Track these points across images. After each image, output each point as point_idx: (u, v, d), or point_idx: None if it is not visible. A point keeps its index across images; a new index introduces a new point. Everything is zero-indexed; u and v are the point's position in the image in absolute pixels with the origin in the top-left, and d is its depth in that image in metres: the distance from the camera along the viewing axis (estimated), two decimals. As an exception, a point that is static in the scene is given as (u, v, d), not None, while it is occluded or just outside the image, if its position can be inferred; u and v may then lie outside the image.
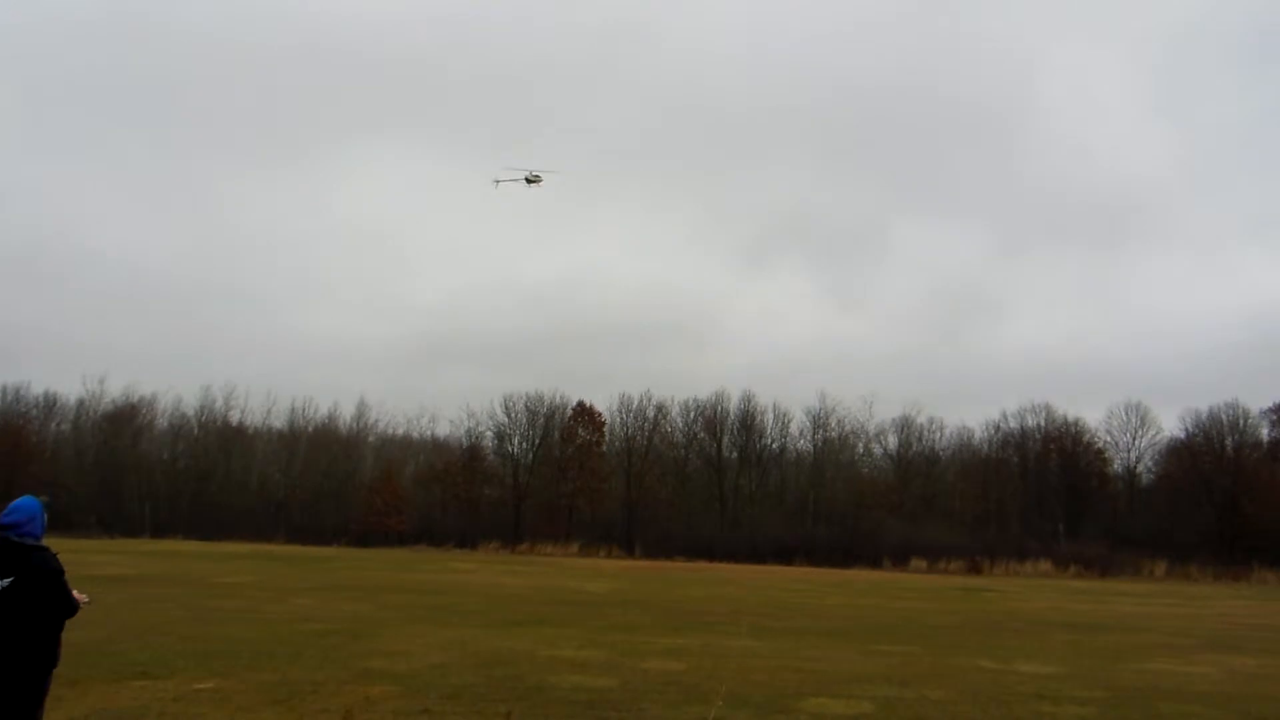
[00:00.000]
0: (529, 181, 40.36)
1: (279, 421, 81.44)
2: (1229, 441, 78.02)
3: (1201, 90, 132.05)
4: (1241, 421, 78.27)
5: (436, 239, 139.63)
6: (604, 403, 78.51)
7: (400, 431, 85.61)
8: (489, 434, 78.02)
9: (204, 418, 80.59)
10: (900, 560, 61.33)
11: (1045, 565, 60.38)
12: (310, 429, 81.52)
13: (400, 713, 10.77)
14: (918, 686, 14.39)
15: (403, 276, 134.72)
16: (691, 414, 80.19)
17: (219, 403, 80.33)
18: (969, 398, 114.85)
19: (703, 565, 57.33)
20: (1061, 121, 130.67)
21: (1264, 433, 79.47)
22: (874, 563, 61.29)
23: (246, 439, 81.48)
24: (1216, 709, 13.39)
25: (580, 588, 35.14)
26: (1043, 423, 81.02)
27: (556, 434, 76.68)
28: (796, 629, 23.10)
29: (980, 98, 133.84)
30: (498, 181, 41.11)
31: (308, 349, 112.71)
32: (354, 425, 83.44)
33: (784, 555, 62.01)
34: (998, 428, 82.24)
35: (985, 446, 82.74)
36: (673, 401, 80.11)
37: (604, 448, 77.29)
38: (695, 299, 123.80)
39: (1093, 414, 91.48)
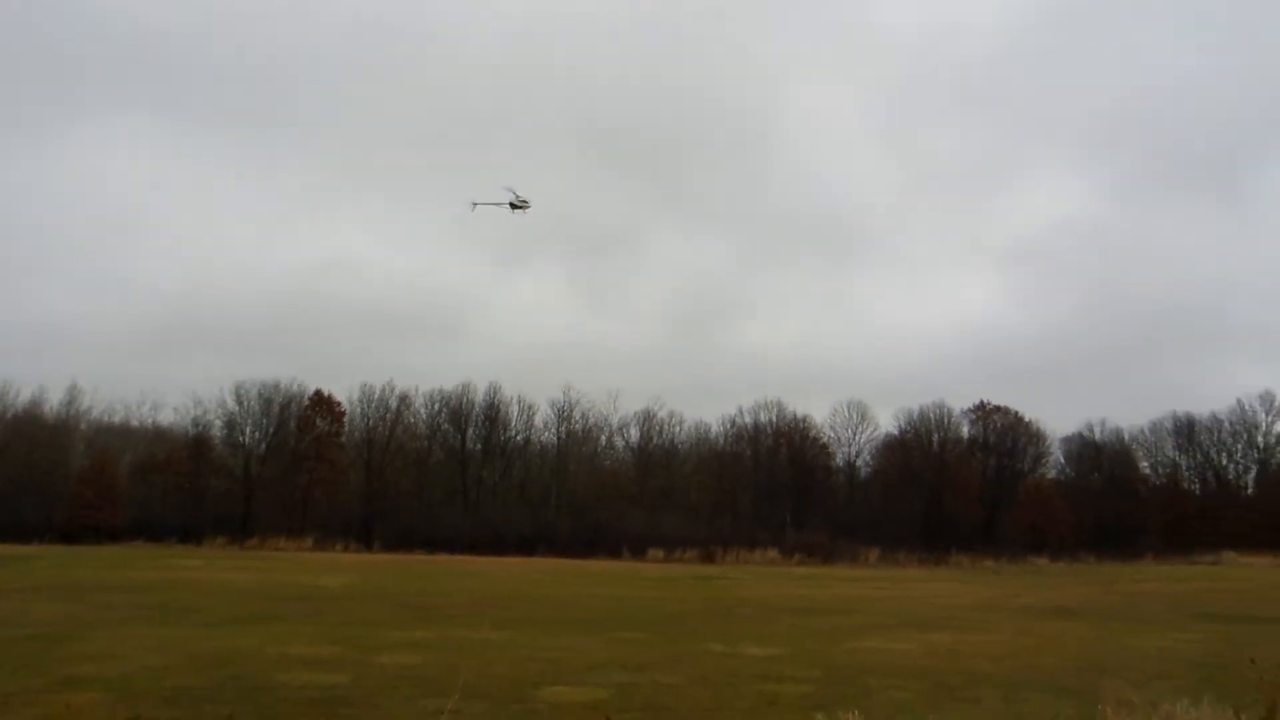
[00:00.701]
0: (514, 207, 37.73)
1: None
2: (935, 438, 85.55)
3: (924, 128, 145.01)
4: (946, 420, 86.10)
5: (173, 222, 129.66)
6: (346, 393, 75.83)
7: (118, 419, 79.14)
8: (218, 423, 73.36)
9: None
10: (639, 550, 62.87)
11: (773, 553, 63.58)
12: (9, 415, 73.70)
13: (107, 721, 9.95)
14: (652, 672, 14.82)
15: (135, 259, 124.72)
16: (436, 405, 78.96)
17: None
18: (710, 395, 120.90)
19: (443, 558, 56.54)
20: (801, 148, 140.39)
21: (964, 431, 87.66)
22: (614, 553, 62.50)
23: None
24: (916, 681, 14.61)
25: (314, 583, 33.76)
26: (774, 419, 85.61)
27: (293, 424, 73.13)
28: (537, 620, 23.21)
29: (733, 120, 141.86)
30: (475, 205, 38.72)
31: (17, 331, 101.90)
32: (63, 412, 76.25)
33: (526, 547, 62.16)
34: (733, 423, 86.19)
35: (721, 440, 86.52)
36: (417, 392, 78.56)
37: (343, 439, 74.58)
38: (448, 292, 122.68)
39: (819, 411, 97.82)
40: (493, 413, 78.87)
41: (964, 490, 79.86)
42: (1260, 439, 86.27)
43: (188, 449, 70.83)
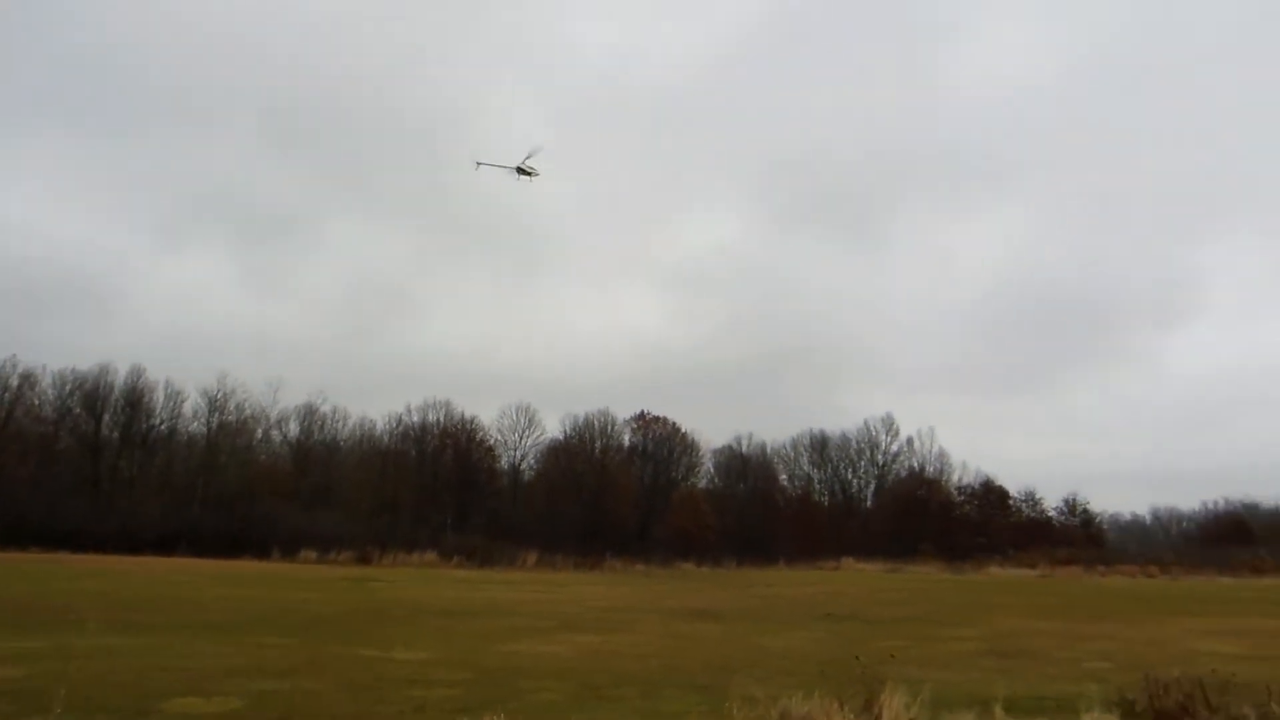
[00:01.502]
0: (521, 172, 35.47)
1: None
2: (598, 445, 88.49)
3: (604, 148, 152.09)
4: (610, 428, 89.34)
5: None
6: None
7: None
8: None
9: None
10: (290, 551, 59.94)
11: (432, 555, 62.88)
12: None
13: None
14: (295, 678, 14.18)
15: None
16: (68, 387, 71.32)
17: None
18: (378, 392, 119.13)
19: (65, 556, 51.02)
20: (487, 153, 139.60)
21: (626, 438, 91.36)
22: (263, 553, 59.19)
23: None
24: (564, 681, 14.98)
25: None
26: (441, 418, 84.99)
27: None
28: (171, 624, 21.53)
29: (420, 117, 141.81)
30: (478, 164, 36.07)
31: None
32: None
33: (165, 544, 57.36)
34: (399, 421, 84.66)
35: (386, 439, 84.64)
36: (44, 371, 70.63)
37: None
38: (94, 267, 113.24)
39: (488, 414, 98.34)
40: (134, 398, 72.32)
41: (622, 496, 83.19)
42: (880, 457, 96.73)
43: None
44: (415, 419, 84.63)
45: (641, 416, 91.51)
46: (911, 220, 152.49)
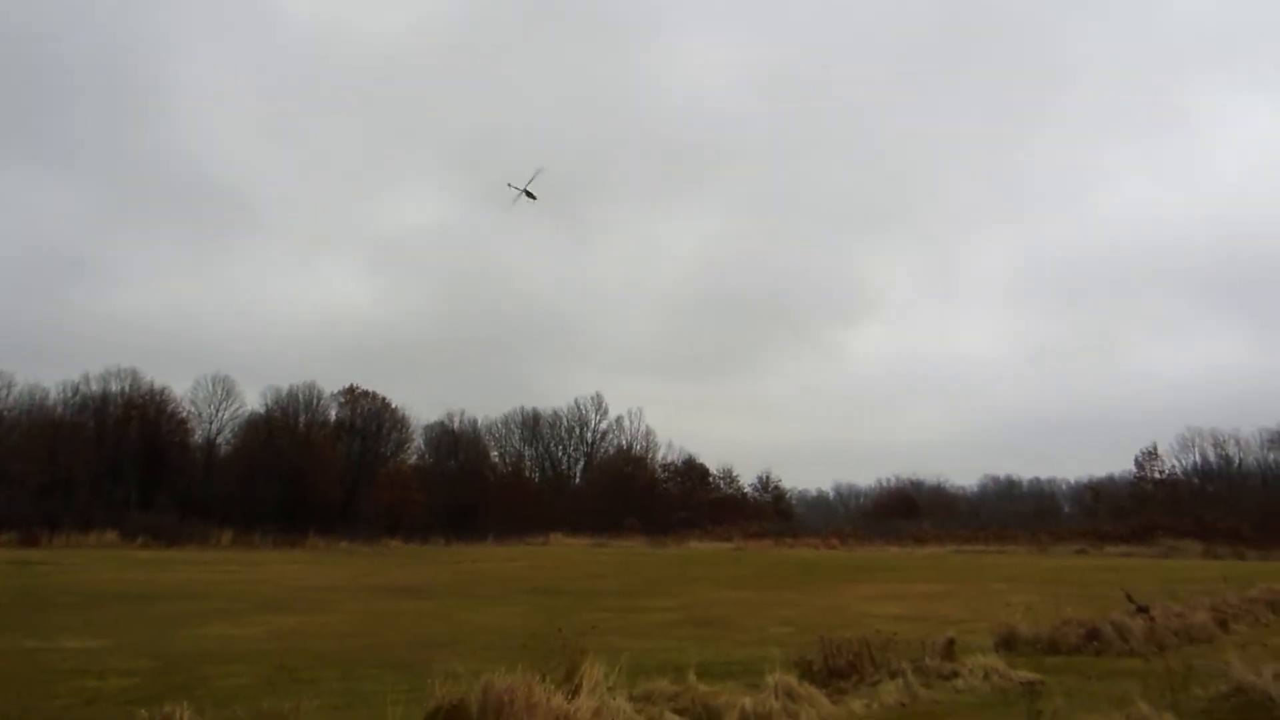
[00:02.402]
0: (528, 195, 42.67)
1: None
2: (303, 418, 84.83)
3: (312, 120, 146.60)
4: (315, 401, 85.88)
5: None
6: None
7: None
8: None
9: None
10: (-61, 532, 53.43)
11: (112, 535, 58.01)
12: None
13: None
14: (-62, 674, 12.69)
15: None
16: None
17: None
18: (52, 359, 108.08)
19: None
20: (183, 115, 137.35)
21: (332, 413, 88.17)
22: (-97, 535, 52.35)
23: None
24: (255, 665, 14.31)
25: None
26: (127, 388, 78.34)
27: None
28: None
29: (108, 67, 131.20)
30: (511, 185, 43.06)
31: None
32: None
33: None
34: (77, 390, 77.25)
35: (60, 408, 76.99)
36: None
37: None
38: None
39: (181, 384, 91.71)
40: None
41: (327, 472, 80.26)
42: (589, 434, 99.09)
43: None
44: (95, 389, 77.52)
45: (350, 390, 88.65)
46: (618, 210, 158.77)
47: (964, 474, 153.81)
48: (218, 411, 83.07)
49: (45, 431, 74.17)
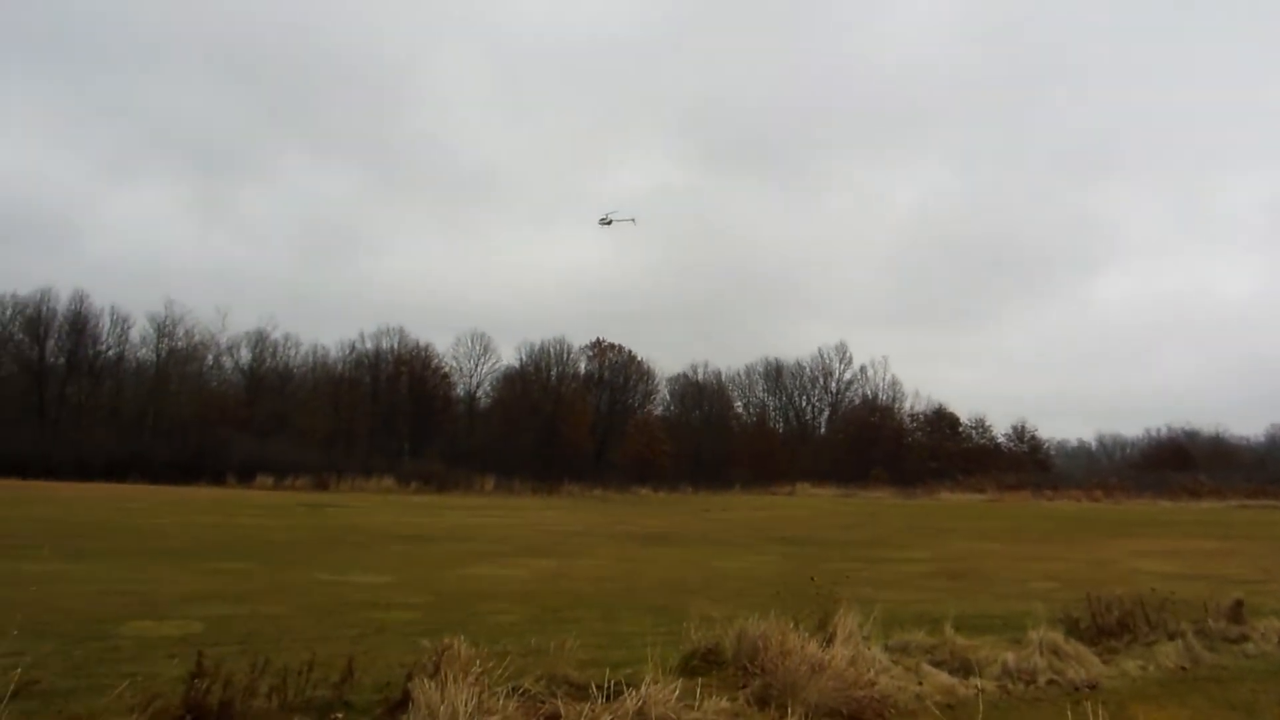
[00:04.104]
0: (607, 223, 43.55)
1: None
2: (554, 372, 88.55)
3: (547, 98, 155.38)
4: (565, 355, 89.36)
5: None
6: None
7: None
8: None
9: None
10: (246, 477, 59.77)
11: (389, 481, 63.02)
12: None
13: None
14: (253, 603, 14.18)
15: None
16: (8, 312, 69.71)
17: None
18: (331, 320, 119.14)
19: (14, 483, 50.37)
20: (436, 100, 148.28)
21: (581, 366, 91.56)
22: (218, 479, 58.95)
23: None
24: (520, 604, 15.13)
25: None
26: (395, 346, 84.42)
27: None
28: (124, 550, 21.38)
29: (372, 64, 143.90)
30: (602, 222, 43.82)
31: None
32: None
33: (117, 472, 56.94)
34: (353, 348, 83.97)
35: (340, 366, 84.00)
36: (-16, 299, 68.82)
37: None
38: (43, 199, 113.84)
39: (442, 342, 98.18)
40: (79, 324, 70.89)
41: (578, 423, 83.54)
42: (833, 384, 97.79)
43: None
44: (369, 346, 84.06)
45: (597, 344, 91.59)
46: (842, 163, 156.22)
47: (1246, 423, 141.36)
48: (477, 366, 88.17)
49: (328, 387, 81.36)
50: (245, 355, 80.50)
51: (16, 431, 62.52)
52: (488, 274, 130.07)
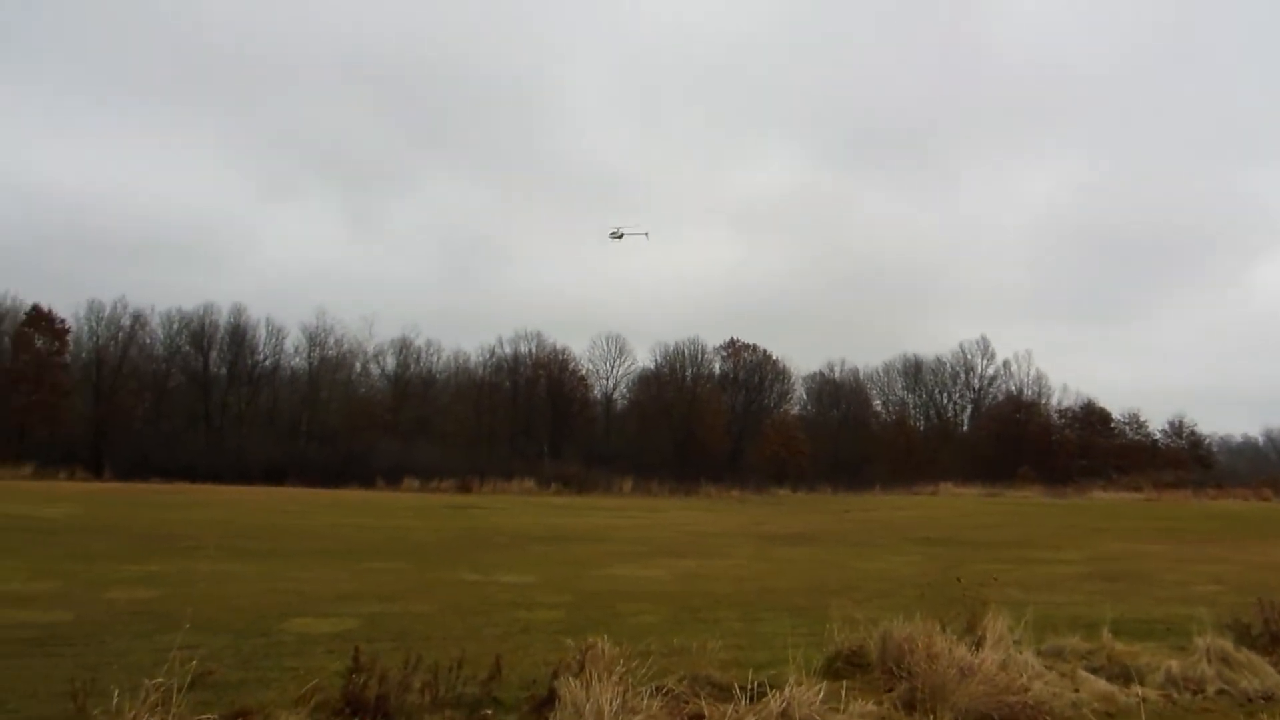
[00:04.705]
0: (618, 236, 44.16)
1: None
2: (689, 373, 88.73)
3: (670, 105, 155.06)
4: (699, 356, 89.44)
5: None
6: (73, 311, 69.93)
7: None
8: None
9: None
10: (394, 480, 61.87)
11: (530, 483, 64.23)
12: None
13: None
14: (404, 601, 14.69)
15: None
16: (175, 326, 74.02)
17: None
18: (470, 328, 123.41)
19: (183, 487, 53.40)
20: (567, 112, 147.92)
21: (716, 366, 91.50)
22: (367, 482, 61.24)
23: None
24: (662, 605, 15.23)
25: (31, 513, 31.07)
26: (534, 349, 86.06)
27: (7, 340, 66.52)
28: (283, 550, 22.44)
29: (506, 79, 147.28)
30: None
31: None
32: None
33: (274, 475, 59.79)
34: (492, 353, 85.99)
35: (480, 370, 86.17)
36: (153, 312, 73.27)
37: (67, 358, 68.52)
38: (210, 218, 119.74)
39: (578, 345, 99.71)
40: (238, 335, 74.83)
41: (714, 423, 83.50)
42: (975, 380, 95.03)
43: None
44: (508, 350, 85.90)
45: (731, 344, 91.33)
46: (974, 156, 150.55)
47: None
48: (613, 368, 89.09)
49: (470, 391, 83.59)
50: (390, 362, 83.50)
51: (185, 438, 66.61)
52: (621, 277, 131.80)
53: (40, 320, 66.60)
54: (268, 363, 77.39)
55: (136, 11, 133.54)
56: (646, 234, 45.79)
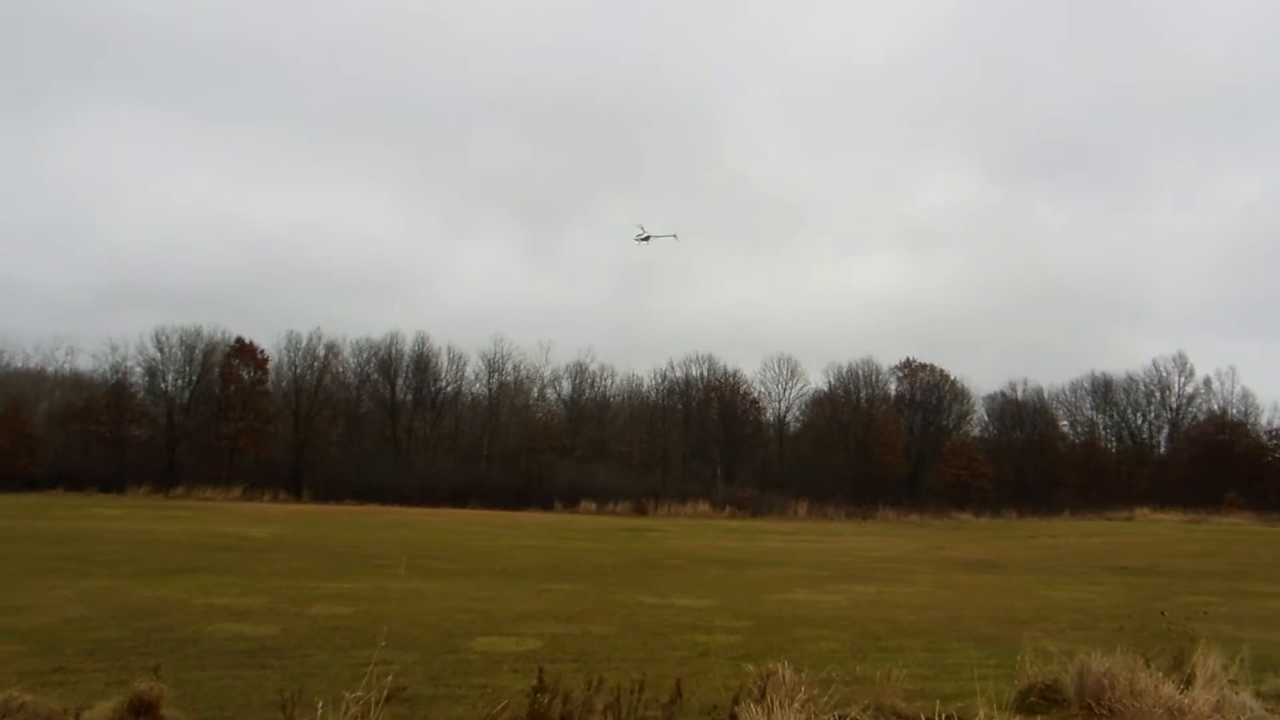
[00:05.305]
0: (645, 239, 44.23)
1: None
2: (863, 394, 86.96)
3: (837, 124, 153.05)
4: (874, 377, 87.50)
5: (139, 195, 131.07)
6: (273, 342, 74.99)
7: (33, 365, 76.86)
8: (138, 370, 71.36)
9: None
10: (571, 502, 63.16)
11: (704, 506, 64.33)
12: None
13: (28, 674, 9.64)
14: (583, 622, 14.94)
15: (98, 226, 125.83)
16: (364, 355, 77.98)
17: None
18: (642, 353, 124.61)
19: (374, 508, 56.17)
20: (740, 136, 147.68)
21: (892, 387, 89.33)
22: (546, 504, 62.72)
23: None
24: (841, 630, 14.95)
25: (242, 533, 33.30)
26: (705, 373, 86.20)
27: (216, 371, 71.62)
28: (468, 570, 23.22)
29: (676, 110, 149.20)
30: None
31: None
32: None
33: (457, 498, 62.06)
34: (664, 376, 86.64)
35: (653, 394, 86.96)
36: (344, 342, 77.50)
37: (269, 386, 73.24)
38: (401, 252, 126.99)
39: (750, 367, 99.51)
40: (422, 363, 78.18)
41: (891, 445, 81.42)
42: (1173, 400, 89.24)
43: (107, 396, 68.83)
44: (679, 374, 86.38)
45: (907, 364, 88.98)
46: (1159, 163, 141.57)
47: None
48: (785, 390, 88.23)
49: (643, 414, 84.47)
50: (566, 387, 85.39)
51: (375, 462, 70.10)
52: (792, 300, 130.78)
53: (244, 352, 71.50)
54: (450, 389, 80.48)
55: (329, 66, 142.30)
56: (675, 236, 45.53)
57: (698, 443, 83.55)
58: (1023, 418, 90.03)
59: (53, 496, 54.70)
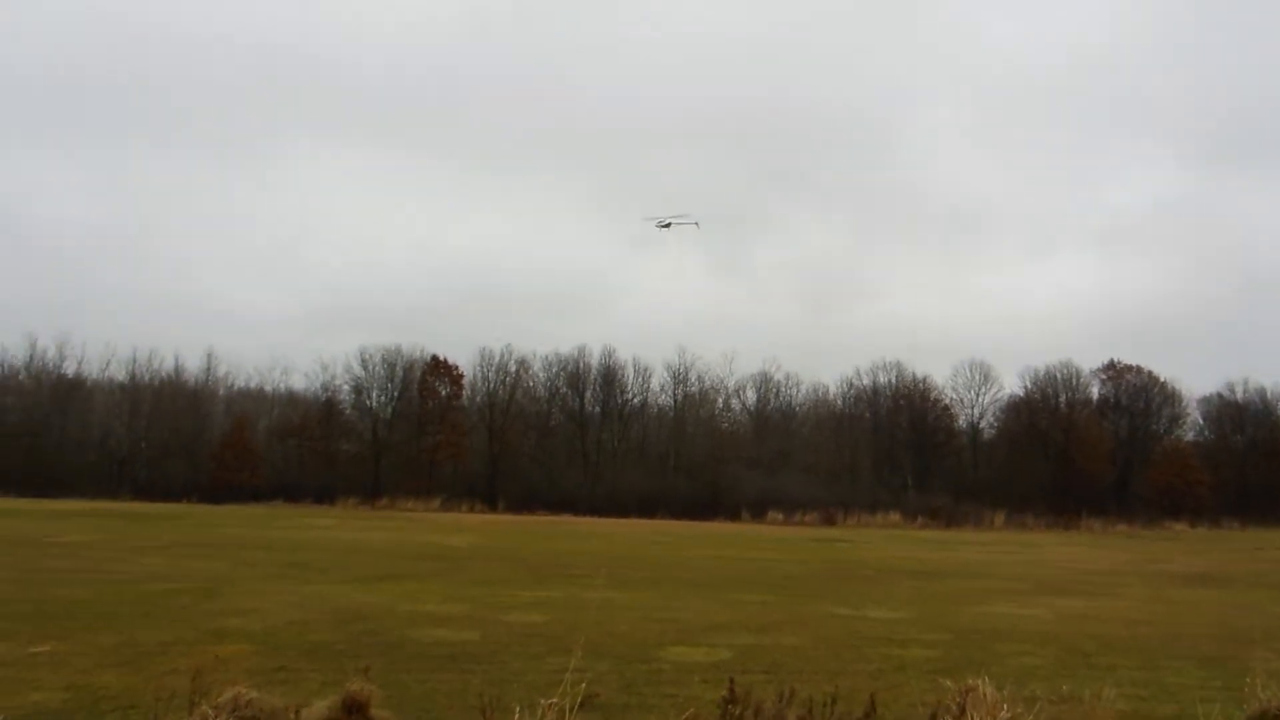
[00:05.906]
0: (665, 225, 44.75)
1: (120, 374, 77.38)
2: (1063, 398, 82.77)
3: (1025, 123, 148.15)
4: (1074, 380, 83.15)
5: (343, 223, 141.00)
6: (468, 358, 78.15)
7: (254, 384, 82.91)
8: (345, 388, 75.94)
9: (34, 368, 75.48)
10: (758, 512, 62.88)
11: (895, 516, 62.84)
12: (155, 382, 77.54)
13: (255, 672, 10.35)
14: (774, 634, 14.82)
15: (307, 254, 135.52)
16: (554, 369, 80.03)
17: (51, 352, 75.40)
18: (827, 359, 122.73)
19: (566, 519, 57.58)
20: (922, 140, 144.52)
21: (1094, 391, 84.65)
22: (733, 515, 62.69)
23: (84, 392, 76.76)
24: (1047, 647, 14.25)
25: (442, 542, 34.81)
26: (893, 380, 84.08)
27: (415, 388, 75.26)
28: (657, 580, 23.45)
29: (857, 120, 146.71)
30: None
31: (192, 311, 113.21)
32: (202, 378, 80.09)
33: (646, 508, 62.81)
34: (851, 384, 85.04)
35: (840, 402, 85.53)
36: (534, 356, 79.86)
37: (463, 401, 76.34)
38: (588, 269, 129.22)
39: (939, 373, 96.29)
40: (609, 376, 79.52)
41: (1094, 452, 77.08)
42: None
43: (319, 413, 73.49)
44: (867, 381, 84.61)
45: (1112, 366, 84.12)
46: None
47: None
48: (978, 396, 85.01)
49: (830, 423, 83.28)
50: (751, 396, 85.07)
51: (567, 474, 71.98)
52: (981, 304, 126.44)
53: (439, 368, 74.95)
54: (636, 400, 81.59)
55: (518, 99, 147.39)
56: (697, 224, 43.85)
57: (887, 451, 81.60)
58: (1244, 420, 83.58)
59: (274, 508, 58.75)
